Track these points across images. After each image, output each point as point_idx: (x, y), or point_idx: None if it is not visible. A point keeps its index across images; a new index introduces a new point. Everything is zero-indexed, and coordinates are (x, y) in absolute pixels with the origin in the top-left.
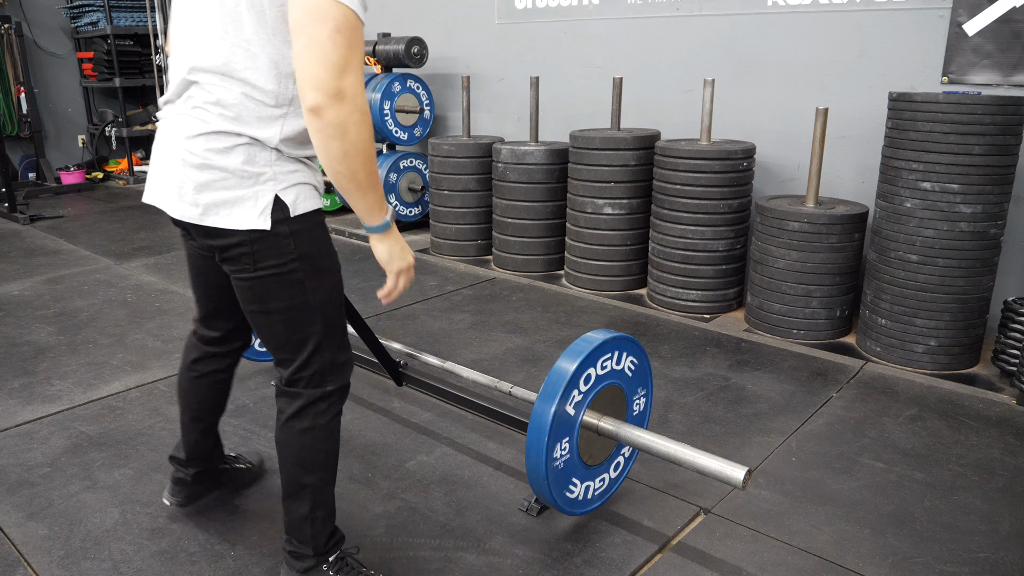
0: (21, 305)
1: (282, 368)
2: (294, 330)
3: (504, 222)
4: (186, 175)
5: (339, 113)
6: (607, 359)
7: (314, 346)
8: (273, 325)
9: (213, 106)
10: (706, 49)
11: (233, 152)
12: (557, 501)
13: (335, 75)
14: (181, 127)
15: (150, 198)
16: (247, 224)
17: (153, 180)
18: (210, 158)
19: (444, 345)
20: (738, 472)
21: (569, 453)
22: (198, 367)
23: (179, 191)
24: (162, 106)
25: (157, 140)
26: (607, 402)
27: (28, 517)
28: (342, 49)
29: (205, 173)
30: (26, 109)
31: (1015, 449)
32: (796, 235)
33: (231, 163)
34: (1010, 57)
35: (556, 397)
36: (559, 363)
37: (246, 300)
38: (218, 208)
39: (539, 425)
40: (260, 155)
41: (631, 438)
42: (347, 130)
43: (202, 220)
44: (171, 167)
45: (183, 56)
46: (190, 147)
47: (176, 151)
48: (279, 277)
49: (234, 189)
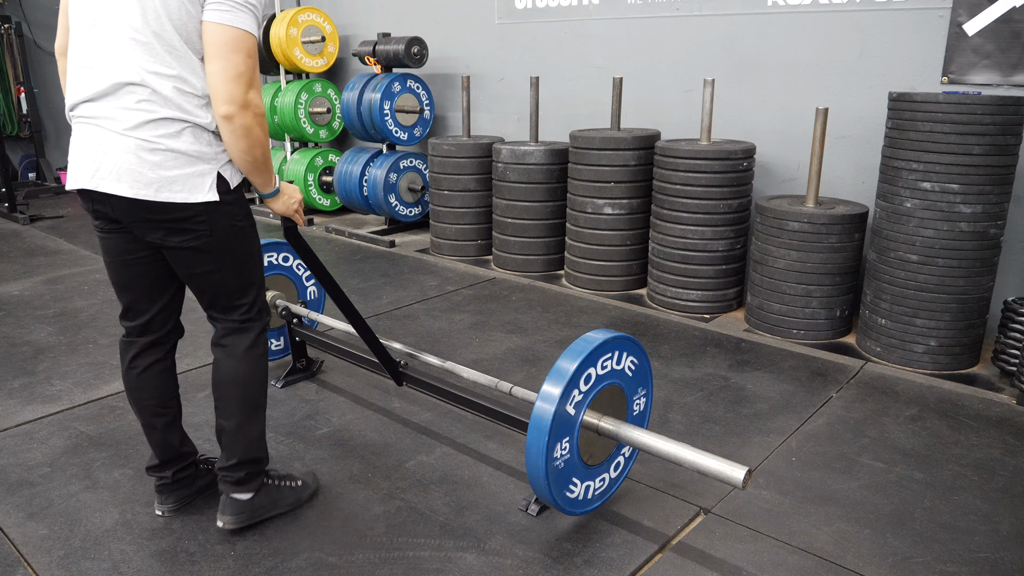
0: (21, 305)
1: (230, 314)
2: (244, 277)
3: (504, 222)
4: (139, 158)
5: (245, 119)
6: (607, 359)
7: (257, 287)
8: (226, 280)
9: (154, 98)
10: (706, 49)
11: (182, 135)
12: (557, 501)
13: (244, 91)
14: (123, 119)
15: (83, 183)
16: (200, 197)
17: (87, 168)
18: (161, 142)
19: (444, 345)
20: (738, 472)
21: (569, 453)
22: (138, 363)
23: (130, 174)
24: (78, 104)
25: (85, 133)
26: (607, 402)
27: (28, 517)
28: (251, 71)
29: (157, 155)
30: (26, 109)
31: (1015, 449)
32: (796, 235)
33: (181, 145)
34: (1010, 57)
35: (556, 397)
36: (559, 363)
37: (198, 264)
38: (171, 185)
39: (539, 425)
40: (203, 136)
41: (631, 438)
42: (251, 131)
43: (156, 196)
44: (117, 154)
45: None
46: (140, 134)
47: (121, 140)
48: (232, 236)
49: (184, 167)
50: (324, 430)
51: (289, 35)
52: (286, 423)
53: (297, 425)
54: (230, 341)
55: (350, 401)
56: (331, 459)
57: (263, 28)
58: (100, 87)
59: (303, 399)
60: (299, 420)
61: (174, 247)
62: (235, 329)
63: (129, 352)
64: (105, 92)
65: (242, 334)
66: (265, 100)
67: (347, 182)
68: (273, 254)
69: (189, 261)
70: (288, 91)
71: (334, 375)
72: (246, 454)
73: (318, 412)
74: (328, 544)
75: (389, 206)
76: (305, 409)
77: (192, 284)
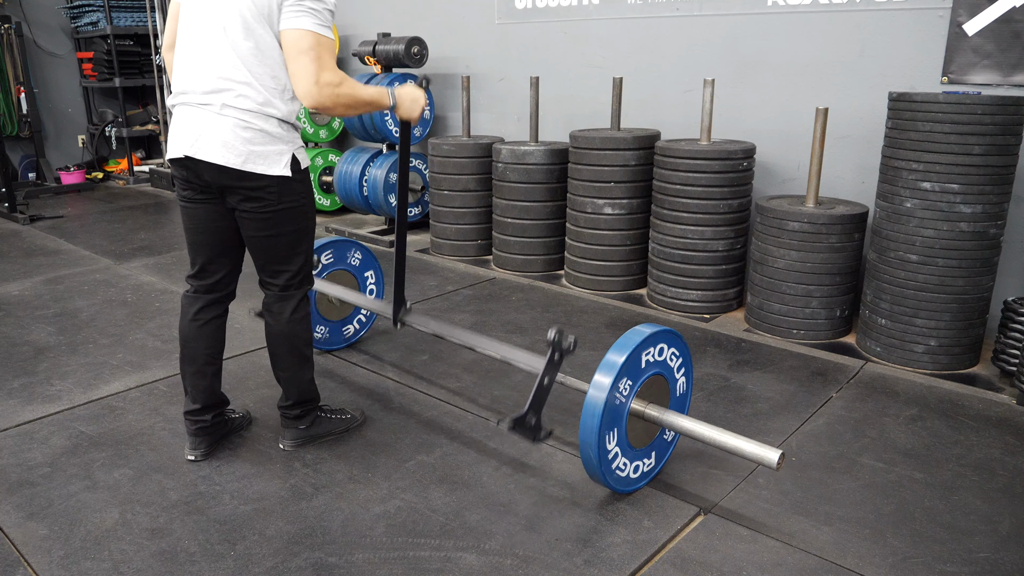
0: (21, 305)
1: (277, 279)
2: (294, 248)
3: (504, 222)
4: (234, 134)
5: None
6: (656, 350)
7: (303, 260)
8: (279, 246)
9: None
10: (706, 49)
11: (269, 120)
12: (608, 481)
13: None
14: (225, 101)
15: (184, 151)
16: (276, 171)
17: (188, 139)
18: (253, 122)
19: (444, 345)
20: (773, 454)
21: (617, 438)
22: (201, 316)
23: (224, 146)
24: (185, 92)
25: (188, 113)
26: (652, 390)
27: (28, 517)
28: (328, 62)
29: (248, 132)
30: (26, 109)
31: (1015, 449)
32: (796, 235)
33: (267, 127)
34: (1010, 57)
35: (607, 386)
36: (609, 355)
37: (260, 229)
38: (255, 158)
39: (592, 411)
40: (283, 125)
41: (674, 423)
42: (337, 99)
43: (242, 166)
44: (215, 130)
45: (208, 59)
46: (236, 116)
47: (221, 119)
48: (292, 210)
49: (268, 145)
50: None
51: None
52: None
53: None
54: (276, 308)
55: (350, 401)
56: (331, 459)
57: None
58: (205, 80)
59: None
60: None
61: (245, 211)
62: (279, 297)
63: (195, 306)
64: (209, 85)
65: (285, 302)
66: None
67: (347, 182)
68: (330, 250)
69: (254, 225)
70: None
71: (334, 375)
72: (299, 396)
73: None
74: (328, 544)
75: (389, 206)
76: None
77: (251, 246)
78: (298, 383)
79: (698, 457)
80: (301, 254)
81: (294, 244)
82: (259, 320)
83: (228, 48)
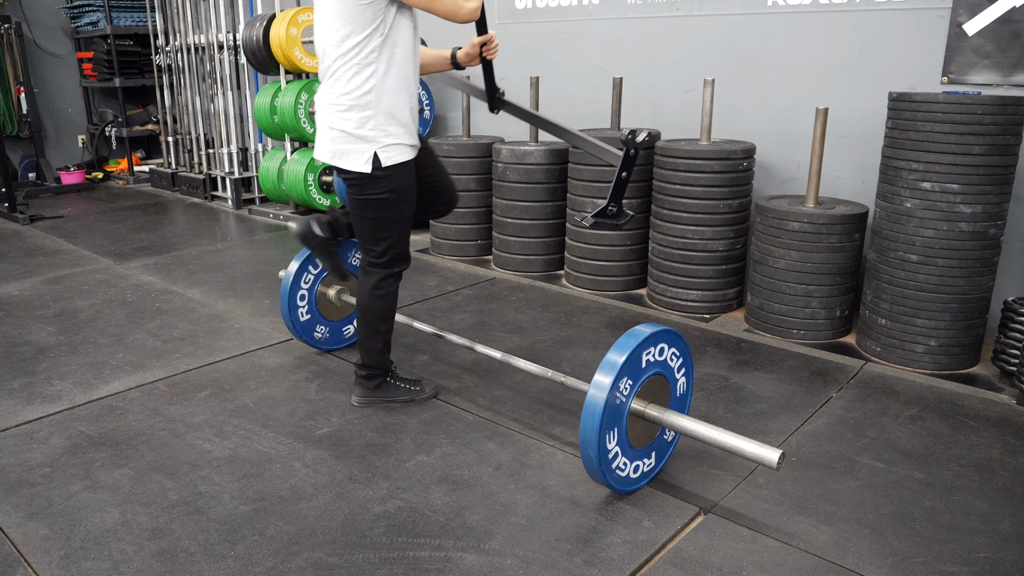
0: (21, 305)
1: (365, 254)
2: (377, 232)
3: (504, 222)
4: (324, 133)
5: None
6: (656, 350)
7: (387, 244)
8: (364, 228)
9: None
10: (706, 49)
11: (350, 122)
12: (609, 481)
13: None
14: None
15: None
16: (357, 168)
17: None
18: (337, 125)
19: (443, 345)
20: (773, 454)
21: (618, 439)
22: None
23: (322, 145)
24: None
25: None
26: (652, 390)
27: (28, 517)
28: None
29: (333, 133)
30: (26, 109)
31: (1015, 449)
32: (796, 235)
33: (348, 127)
34: (1010, 57)
35: (607, 386)
36: (610, 355)
37: (354, 209)
38: (339, 156)
39: (593, 410)
40: (368, 123)
41: (674, 423)
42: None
43: (332, 161)
44: (320, 126)
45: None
46: (330, 122)
47: (322, 121)
48: (373, 200)
49: (348, 144)
50: (324, 430)
51: (289, 35)
52: (286, 423)
53: (297, 425)
54: (363, 278)
55: (349, 401)
56: (331, 459)
57: (264, 28)
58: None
59: (303, 399)
60: (299, 420)
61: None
62: (366, 269)
63: None
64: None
65: (368, 275)
66: (265, 100)
67: None
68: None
69: (351, 206)
70: (288, 91)
71: (334, 375)
72: (368, 360)
73: (318, 412)
74: (328, 544)
75: None
76: (305, 409)
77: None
78: (368, 349)
79: (698, 457)
80: (382, 240)
81: (374, 229)
82: (259, 321)
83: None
